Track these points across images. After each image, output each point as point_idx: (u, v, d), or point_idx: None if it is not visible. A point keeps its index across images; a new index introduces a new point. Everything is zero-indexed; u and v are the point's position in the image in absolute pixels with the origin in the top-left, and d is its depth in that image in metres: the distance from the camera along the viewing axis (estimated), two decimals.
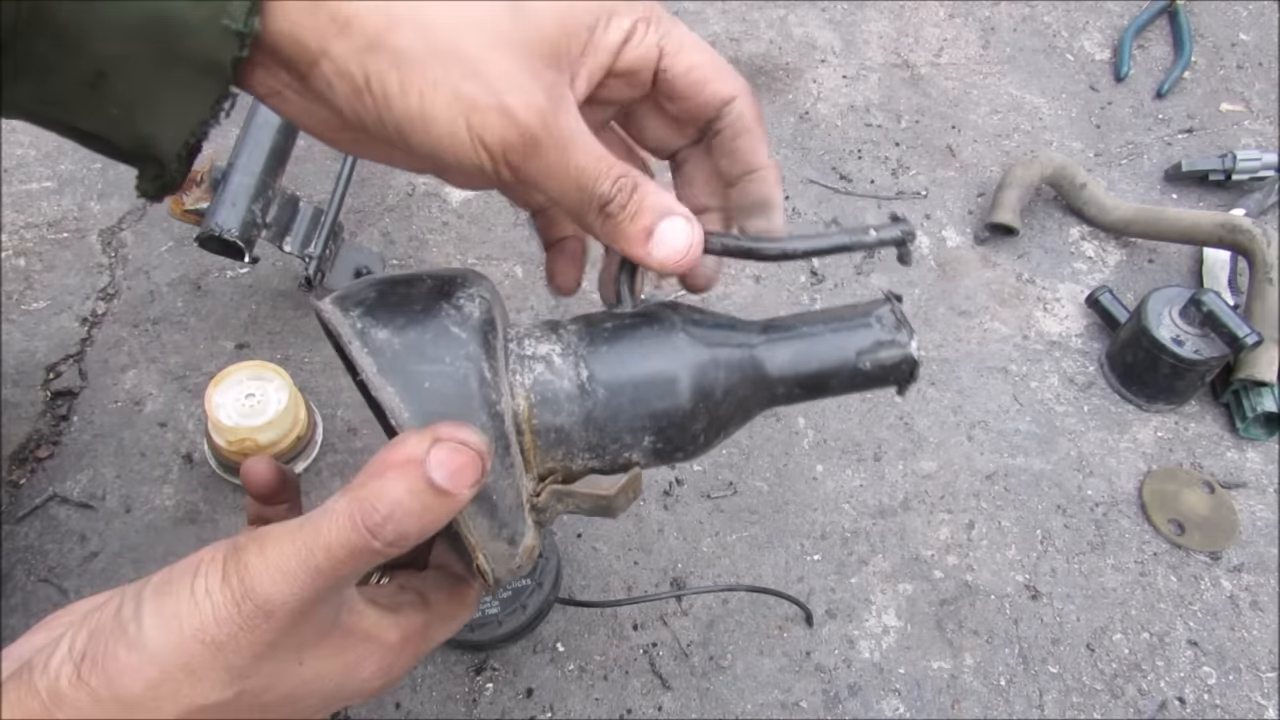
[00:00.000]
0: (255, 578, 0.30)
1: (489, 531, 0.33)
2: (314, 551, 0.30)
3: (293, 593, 0.30)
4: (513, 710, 0.68)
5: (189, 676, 0.30)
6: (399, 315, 0.33)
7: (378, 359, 0.32)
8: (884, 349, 0.39)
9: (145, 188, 0.37)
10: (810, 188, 1.00)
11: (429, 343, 0.32)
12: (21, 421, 0.78)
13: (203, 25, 0.31)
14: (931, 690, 0.71)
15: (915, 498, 0.80)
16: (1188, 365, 0.81)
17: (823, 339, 0.39)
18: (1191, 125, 1.08)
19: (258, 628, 0.30)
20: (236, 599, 0.30)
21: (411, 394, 0.31)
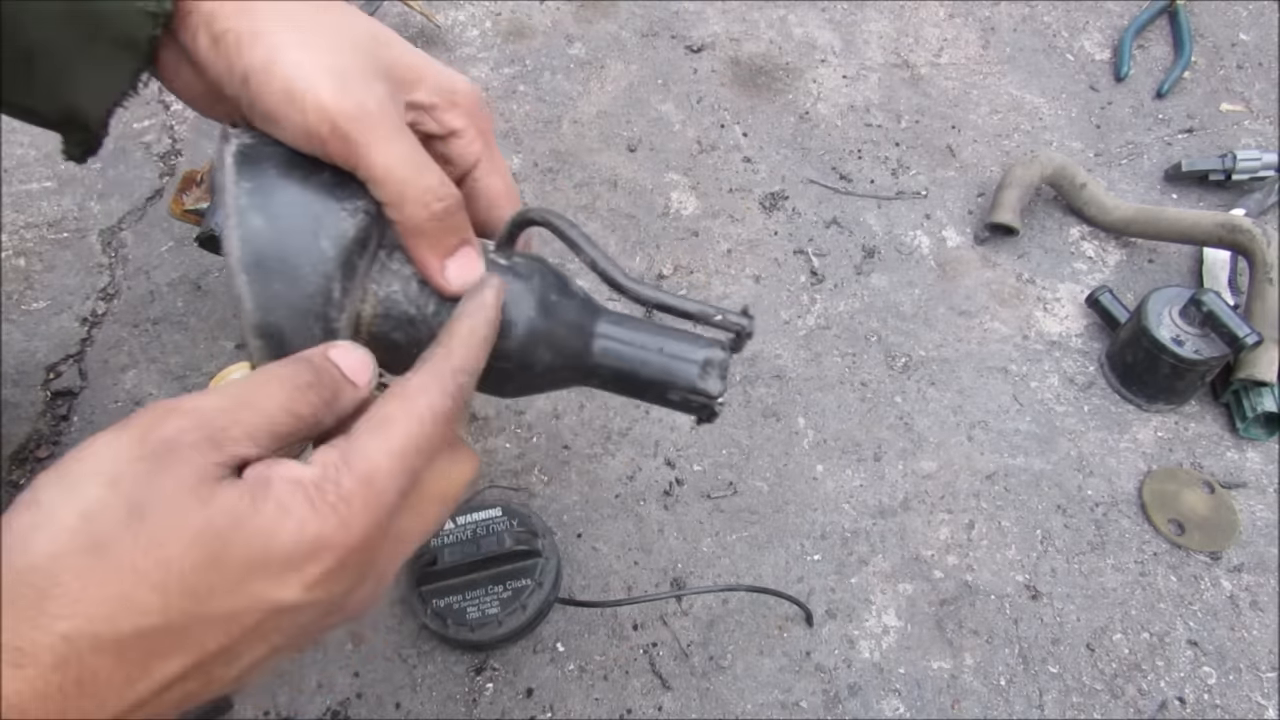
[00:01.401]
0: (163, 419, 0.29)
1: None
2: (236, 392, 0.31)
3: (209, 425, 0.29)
4: (513, 710, 0.68)
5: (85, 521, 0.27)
6: (283, 207, 0.35)
7: (244, 247, 0.34)
8: (693, 395, 0.42)
9: (71, 151, 0.42)
10: (810, 188, 1.00)
11: (295, 250, 0.35)
12: (21, 421, 0.78)
13: (121, 11, 0.36)
14: (931, 690, 0.71)
15: (915, 498, 0.80)
16: (1188, 365, 0.81)
17: (652, 357, 0.42)
18: (1191, 125, 1.08)
19: (157, 454, 0.28)
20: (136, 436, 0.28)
21: (262, 290, 0.34)
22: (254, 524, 0.29)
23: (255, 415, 0.31)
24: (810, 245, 0.96)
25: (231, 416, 0.30)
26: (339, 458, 0.32)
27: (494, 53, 1.10)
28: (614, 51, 1.11)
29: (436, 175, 0.37)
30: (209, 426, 0.29)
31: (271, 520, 0.29)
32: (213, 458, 0.29)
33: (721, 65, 1.10)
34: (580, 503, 0.78)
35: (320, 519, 0.30)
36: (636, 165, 1.00)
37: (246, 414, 0.30)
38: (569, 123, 1.04)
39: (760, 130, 1.05)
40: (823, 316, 0.91)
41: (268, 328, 0.34)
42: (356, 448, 0.32)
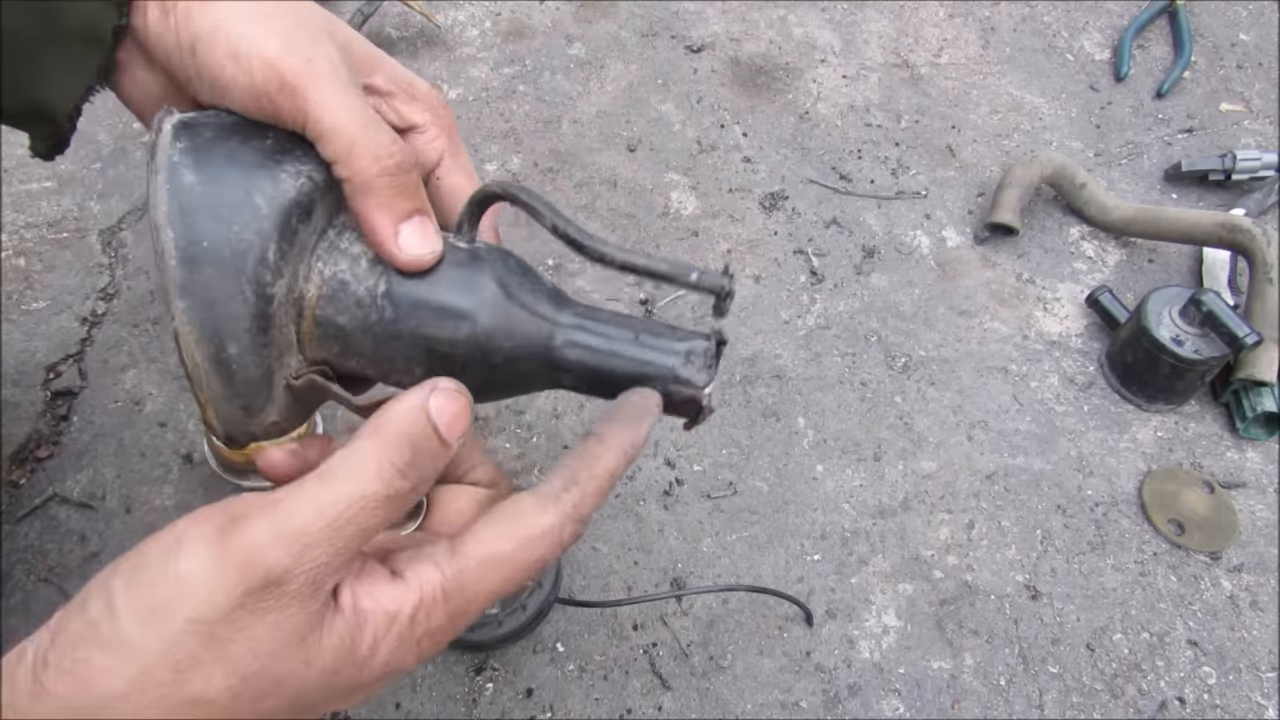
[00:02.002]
0: (264, 547, 0.26)
1: (221, 394, 0.33)
2: (338, 506, 0.28)
3: (312, 560, 0.27)
4: (513, 710, 0.68)
5: (177, 675, 0.26)
6: (219, 164, 0.33)
7: (172, 199, 0.32)
8: (676, 387, 0.37)
9: (38, 148, 0.41)
10: (810, 188, 1.00)
11: (228, 205, 0.32)
12: (21, 421, 0.78)
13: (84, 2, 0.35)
14: (931, 690, 0.71)
15: (915, 498, 0.80)
16: (1188, 365, 0.81)
17: (626, 348, 0.37)
18: (1191, 125, 1.08)
19: (262, 604, 0.26)
20: (238, 576, 0.26)
21: (187, 246, 0.32)
22: (348, 674, 0.29)
23: (356, 534, 0.28)
24: (810, 245, 0.96)
25: (333, 545, 0.28)
26: (440, 590, 0.30)
27: (494, 53, 1.10)
28: (614, 51, 1.11)
29: (389, 134, 0.35)
30: (312, 564, 0.27)
31: (365, 667, 0.29)
32: (315, 604, 0.28)
33: (721, 65, 1.10)
34: None
35: (411, 655, 0.30)
36: (636, 165, 1.00)
37: (347, 533, 0.28)
38: (569, 123, 1.04)
39: (760, 130, 1.05)
40: (823, 316, 0.91)
41: (192, 286, 0.31)
42: (462, 587, 0.31)
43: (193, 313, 0.32)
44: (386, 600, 0.29)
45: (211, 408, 0.34)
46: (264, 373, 0.34)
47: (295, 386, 0.35)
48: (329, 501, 0.28)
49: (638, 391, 0.36)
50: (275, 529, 0.27)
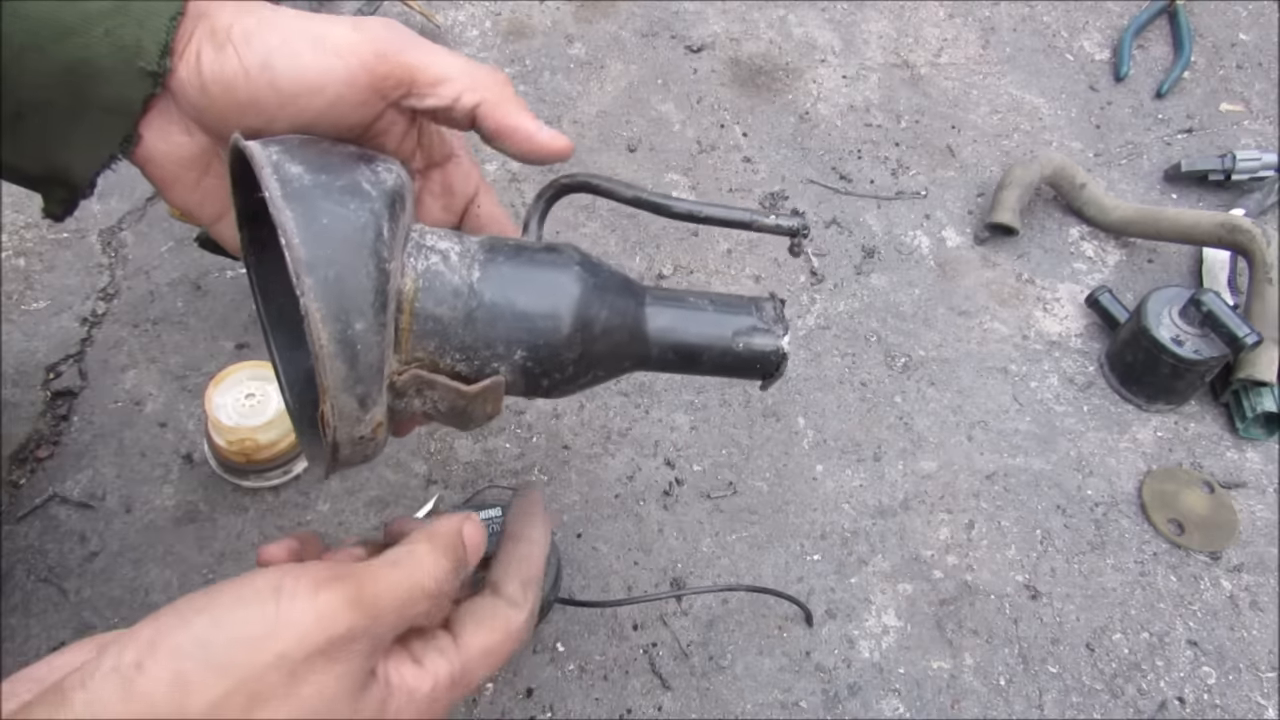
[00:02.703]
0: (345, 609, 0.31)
1: (344, 380, 0.33)
2: (406, 589, 0.33)
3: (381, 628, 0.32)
4: (512, 710, 0.68)
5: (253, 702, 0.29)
6: (316, 160, 0.34)
7: (284, 186, 0.32)
8: (759, 335, 0.41)
9: (53, 210, 0.41)
10: (810, 188, 1.00)
11: (338, 188, 0.33)
12: (21, 421, 0.78)
13: (115, 70, 0.36)
14: (931, 690, 0.71)
15: (915, 498, 0.80)
16: (1187, 365, 0.81)
17: (705, 313, 0.41)
18: (1191, 125, 1.08)
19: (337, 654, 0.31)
20: (326, 626, 0.30)
21: (308, 225, 0.32)
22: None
23: (412, 615, 0.34)
24: (810, 245, 0.96)
25: (395, 618, 0.33)
26: (449, 677, 0.36)
27: (494, 53, 1.10)
28: (614, 51, 1.11)
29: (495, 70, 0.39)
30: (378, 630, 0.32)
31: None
32: (369, 666, 0.33)
33: (721, 65, 1.10)
34: (580, 503, 0.78)
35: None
36: (636, 165, 1.00)
37: (405, 613, 0.34)
38: (569, 123, 1.04)
39: (760, 130, 1.05)
40: (823, 316, 0.91)
41: (318, 262, 0.31)
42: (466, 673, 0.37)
43: (320, 289, 0.31)
44: (411, 679, 0.34)
45: (330, 399, 0.33)
46: (381, 357, 0.34)
47: (399, 381, 0.35)
48: (399, 583, 0.33)
49: (524, 494, 0.45)
50: (358, 595, 0.31)
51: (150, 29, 0.36)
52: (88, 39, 0.36)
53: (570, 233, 0.94)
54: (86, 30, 0.36)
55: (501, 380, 0.37)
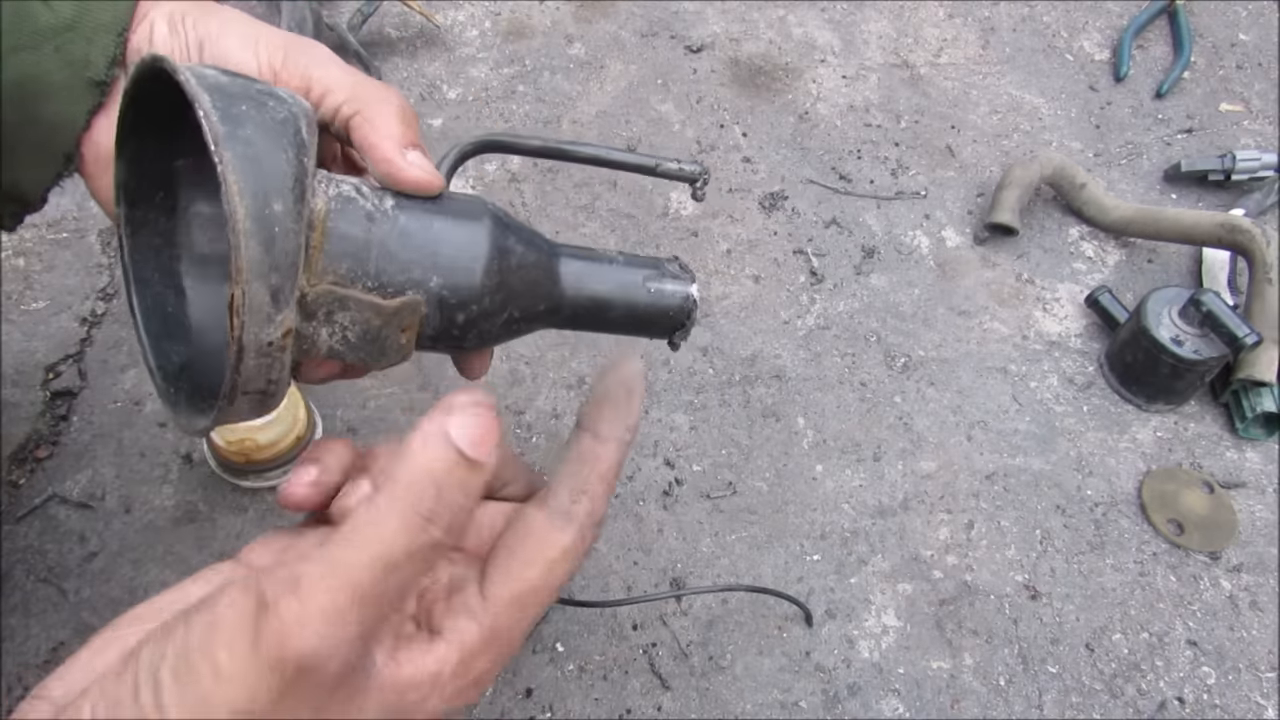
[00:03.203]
0: (293, 631, 0.25)
1: (258, 263, 0.30)
2: (361, 571, 0.26)
3: (344, 635, 0.26)
4: (512, 710, 0.68)
5: None
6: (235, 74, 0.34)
7: (201, 79, 0.31)
8: (669, 281, 0.42)
9: (7, 224, 0.42)
10: (810, 187, 1.00)
11: (257, 90, 0.33)
12: (21, 421, 0.78)
13: (64, 85, 0.37)
14: (931, 690, 0.71)
15: (915, 498, 0.80)
16: (1187, 365, 0.81)
17: (616, 263, 0.42)
18: (1191, 125, 1.08)
19: (302, 690, 0.26)
20: (274, 663, 0.25)
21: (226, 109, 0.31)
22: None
23: (385, 599, 0.27)
24: (810, 245, 0.96)
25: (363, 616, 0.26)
26: (478, 641, 0.30)
27: (494, 53, 1.10)
28: (613, 51, 1.11)
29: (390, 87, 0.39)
30: (344, 640, 0.26)
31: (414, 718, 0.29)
32: (356, 678, 0.27)
33: (721, 65, 1.10)
34: None
35: (462, 700, 0.30)
36: None
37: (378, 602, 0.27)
38: (569, 123, 1.04)
39: (760, 130, 1.05)
40: (822, 316, 0.91)
41: (236, 141, 0.30)
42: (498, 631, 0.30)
43: (239, 162, 0.30)
44: (430, 663, 0.29)
45: (243, 284, 0.30)
46: (296, 249, 0.31)
47: (311, 294, 0.33)
48: (350, 567, 0.26)
49: (619, 366, 0.35)
50: (302, 611, 0.26)
51: (99, 45, 0.38)
52: (38, 55, 0.37)
53: (570, 233, 0.94)
54: (36, 47, 0.37)
55: (420, 300, 0.35)
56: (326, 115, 0.38)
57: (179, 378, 0.38)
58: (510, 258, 0.37)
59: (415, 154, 0.37)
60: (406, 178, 0.36)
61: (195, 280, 0.40)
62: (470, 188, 0.97)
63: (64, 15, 0.38)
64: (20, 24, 0.37)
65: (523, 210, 0.96)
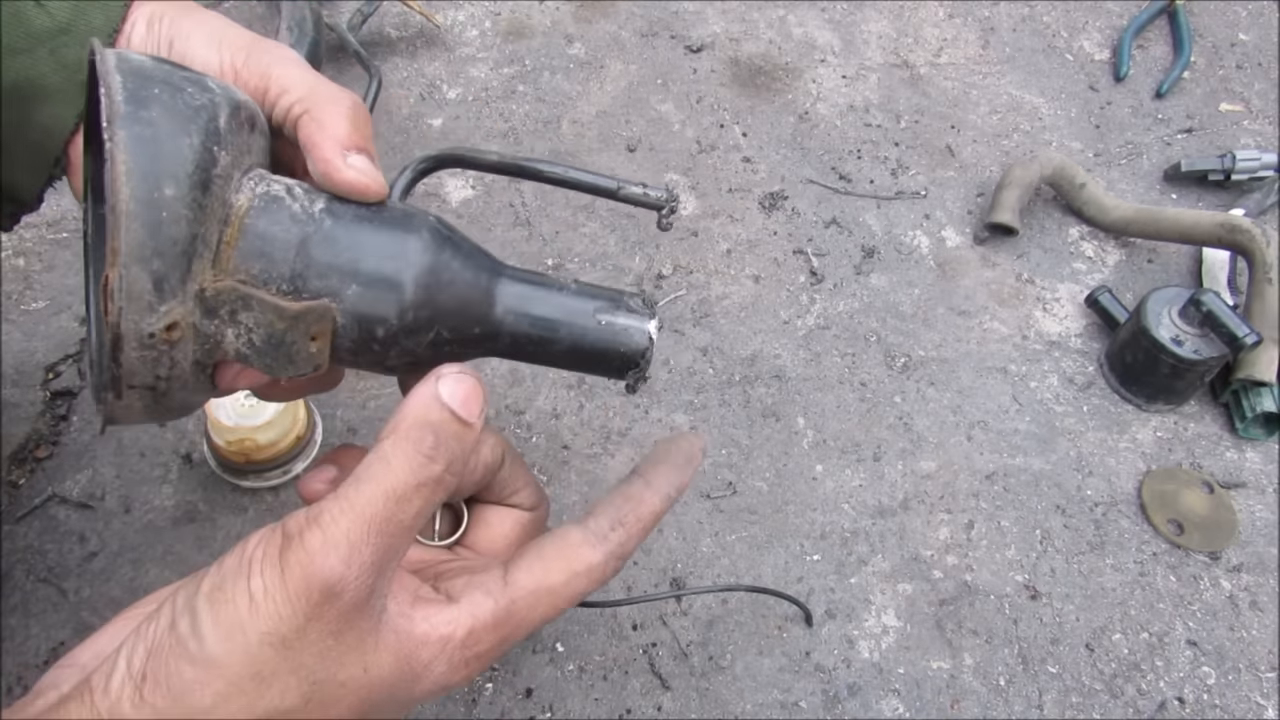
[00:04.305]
0: (317, 558, 0.28)
1: (139, 246, 0.29)
2: (375, 503, 0.29)
3: (362, 561, 0.29)
4: (512, 710, 0.68)
5: (259, 684, 0.28)
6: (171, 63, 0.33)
7: (122, 62, 0.31)
8: (623, 315, 0.38)
9: (5, 224, 0.43)
10: (809, 188, 1.00)
11: (181, 76, 0.32)
12: (21, 421, 0.78)
13: (59, 88, 0.38)
14: (931, 690, 0.71)
15: (915, 498, 0.80)
16: (1187, 365, 0.81)
17: (567, 290, 0.38)
18: (1191, 125, 1.08)
19: (325, 614, 0.28)
20: (300, 588, 0.28)
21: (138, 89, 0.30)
22: (404, 689, 0.31)
23: (398, 528, 0.30)
24: (810, 245, 0.96)
25: (378, 542, 0.29)
26: (491, 617, 0.32)
27: (493, 53, 1.10)
28: (613, 51, 1.11)
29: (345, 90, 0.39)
30: (361, 565, 0.29)
31: (418, 682, 0.32)
32: (370, 609, 0.30)
33: (721, 65, 1.10)
34: (580, 503, 0.78)
35: (459, 675, 0.33)
36: (636, 165, 1.00)
37: (390, 529, 0.30)
38: (568, 123, 1.04)
39: (760, 130, 1.05)
40: (822, 316, 0.91)
41: (135, 121, 0.29)
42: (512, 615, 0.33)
43: (132, 143, 0.29)
44: (441, 625, 0.32)
45: (119, 266, 0.29)
46: (189, 237, 0.30)
47: (211, 290, 0.31)
48: (365, 501, 0.29)
49: (685, 437, 0.37)
50: (324, 539, 0.29)
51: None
52: (33, 58, 0.38)
53: (570, 233, 0.94)
54: (31, 50, 0.38)
55: (329, 306, 0.33)
56: (280, 116, 0.38)
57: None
58: (442, 273, 0.35)
59: (358, 158, 0.36)
60: (342, 179, 0.35)
61: None
62: (470, 187, 0.97)
63: (59, 18, 0.38)
64: (16, 27, 0.38)
65: (522, 210, 0.96)
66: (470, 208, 0.95)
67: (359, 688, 0.30)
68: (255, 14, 1.09)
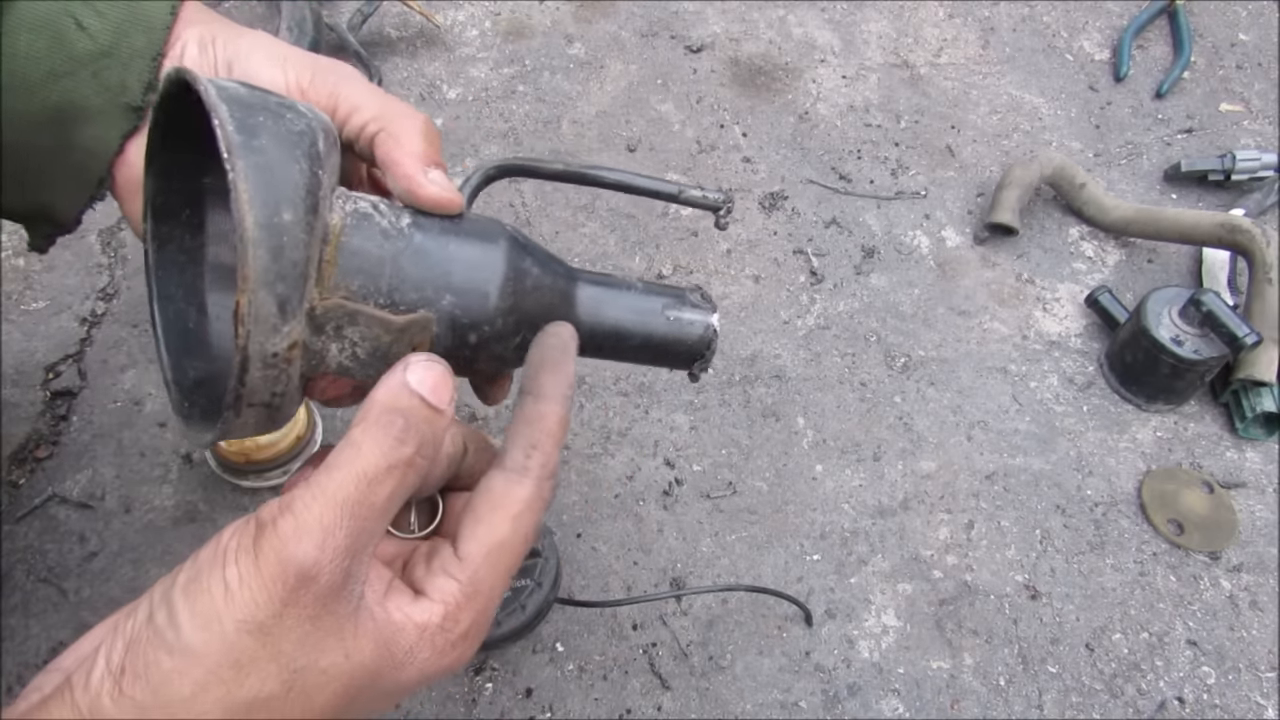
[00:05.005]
0: (290, 544, 0.28)
1: (265, 271, 0.30)
2: (346, 487, 0.29)
3: (335, 545, 0.29)
4: (512, 710, 0.68)
5: (237, 672, 0.28)
6: (256, 88, 0.34)
7: (221, 90, 0.32)
8: (689, 310, 0.41)
9: (39, 244, 0.44)
10: (809, 188, 1.00)
11: (275, 102, 0.33)
12: (21, 421, 0.78)
13: (101, 110, 0.38)
14: (931, 690, 0.71)
15: (915, 498, 0.80)
16: (1187, 365, 0.81)
17: (635, 290, 0.41)
18: (1191, 125, 1.08)
19: (301, 600, 0.28)
20: (275, 574, 0.28)
21: (243, 120, 0.31)
22: (389, 676, 0.31)
23: (370, 511, 0.30)
24: (810, 245, 0.96)
25: (351, 526, 0.29)
26: (459, 596, 0.32)
27: (493, 53, 1.10)
28: (613, 51, 1.11)
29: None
30: (335, 550, 0.29)
31: (403, 669, 0.32)
32: (348, 596, 0.30)
33: (721, 65, 1.10)
34: (580, 503, 0.78)
35: (449, 658, 0.33)
36: (636, 165, 1.00)
37: (362, 512, 0.30)
38: (568, 123, 1.04)
39: (760, 130, 1.05)
40: (822, 316, 0.91)
41: (249, 151, 0.30)
42: (477, 584, 0.33)
43: (251, 172, 0.30)
44: (416, 613, 0.32)
45: (249, 293, 0.30)
46: (305, 260, 0.32)
47: (320, 308, 0.33)
48: (336, 486, 0.30)
49: (550, 332, 0.37)
50: (296, 524, 0.29)
51: (135, 69, 0.39)
52: (76, 81, 0.38)
53: (570, 233, 0.94)
54: (74, 73, 0.38)
55: (430, 317, 0.35)
56: (351, 134, 0.39)
57: (194, 393, 0.38)
58: (525, 280, 0.37)
59: (437, 172, 0.37)
60: (426, 195, 0.36)
61: (218, 297, 0.40)
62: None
63: (101, 42, 0.39)
64: (58, 51, 0.38)
65: (522, 210, 0.96)
66: (475, 209, 0.95)
67: (341, 674, 0.30)
68: (255, 14, 1.09)
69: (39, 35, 0.38)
